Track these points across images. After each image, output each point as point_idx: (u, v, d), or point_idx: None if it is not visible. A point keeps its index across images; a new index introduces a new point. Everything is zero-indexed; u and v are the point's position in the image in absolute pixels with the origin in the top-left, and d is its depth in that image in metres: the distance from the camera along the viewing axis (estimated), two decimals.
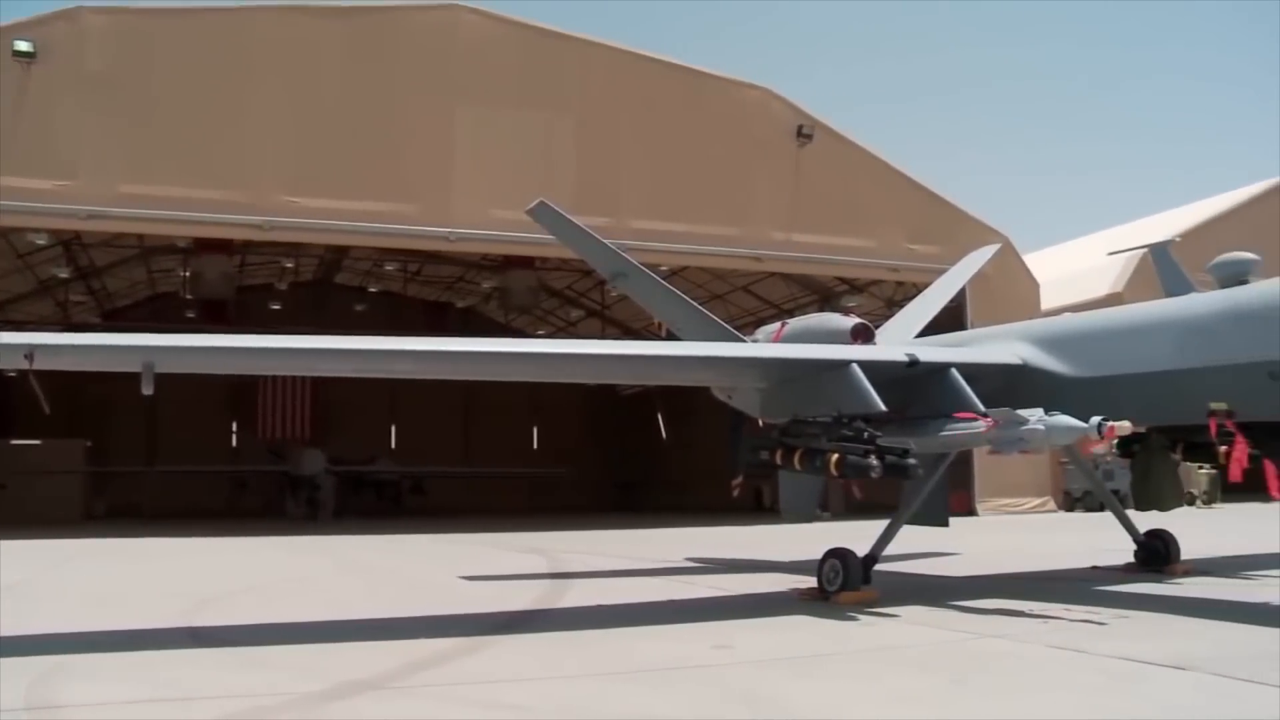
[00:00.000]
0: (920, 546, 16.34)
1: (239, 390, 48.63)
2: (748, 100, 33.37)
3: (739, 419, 15.04)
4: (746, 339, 15.05)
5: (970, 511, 32.87)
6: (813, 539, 13.96)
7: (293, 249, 39.92)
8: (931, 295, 17.86)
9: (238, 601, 13.19)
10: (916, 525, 12.95)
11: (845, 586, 11.34)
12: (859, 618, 10.24)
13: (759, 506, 34.80)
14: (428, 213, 29.59)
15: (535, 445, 59.81)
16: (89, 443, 41.83)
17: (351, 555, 21.94)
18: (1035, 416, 10.20)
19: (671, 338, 16.28)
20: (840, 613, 10.53)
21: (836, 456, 10.69)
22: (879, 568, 11.93)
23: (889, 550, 12.17)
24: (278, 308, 47.15)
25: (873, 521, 12.44)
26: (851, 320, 13.66)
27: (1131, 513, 14.84)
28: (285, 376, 45.34)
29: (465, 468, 52.66)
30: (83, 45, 27.16)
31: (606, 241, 16.64)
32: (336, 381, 40.45)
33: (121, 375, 10.17)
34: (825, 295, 39.99)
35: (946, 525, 13.43)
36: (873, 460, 10.46)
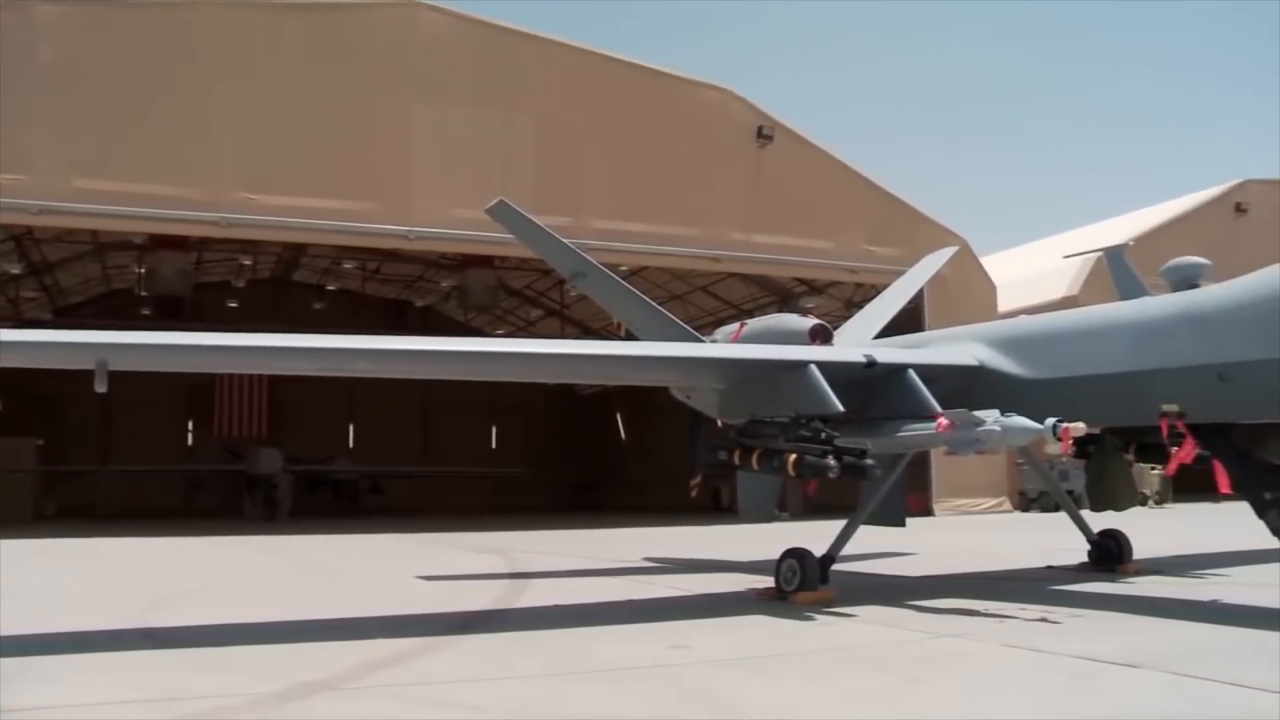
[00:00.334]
0: (877, 546, 16.41)
1: (195, 389, 48.19)
2: (708, 101, 33.39)
3: (698, 419, 15.07)
4: (705, 339, 15.08)
5: (927, 512, 33.05)
6: (770, 539, 13.99)
7: (250, 246, 39.53)
8: (890, 296, 17.98)
9: (193, 602, 13.06)
10: (874, 525, 13.01)
11: (802, 586, 11.39)
12: (816, 617, 10.28)
13: (717, 506, 34.86)
14: (386, 211, 29.38)
15: (494, 445, 59.74)
16: (40, 441, 41.25)
17: (308, 555, 21.78)
18: (991, 418, 10.26)
19: (630, 338, 16.29)
20: (797, 612, 10.56)
21: (794, 457, 10.73)
22: (836, 567, 11.99)
23: (846, 550, 12.22)
24: (235, 305, 46.75)
25: (830, 521, 12.50)
26: (810, 321, 13.73)
27: (1086, 513, 14.99)
28: (242, 375, 44.89)
29: (424, 467, 52.42)
30: (34, 36, 26.65)
31: (566, 241, 16.63)
32: (294, 380, 40.27)
33: (74, 373, 10.06)
34: (784, 296, 40.10)
35: (903, 525, 13.50)
36: (830, 460, 10.51)
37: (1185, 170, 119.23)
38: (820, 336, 13.29)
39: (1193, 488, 15.92)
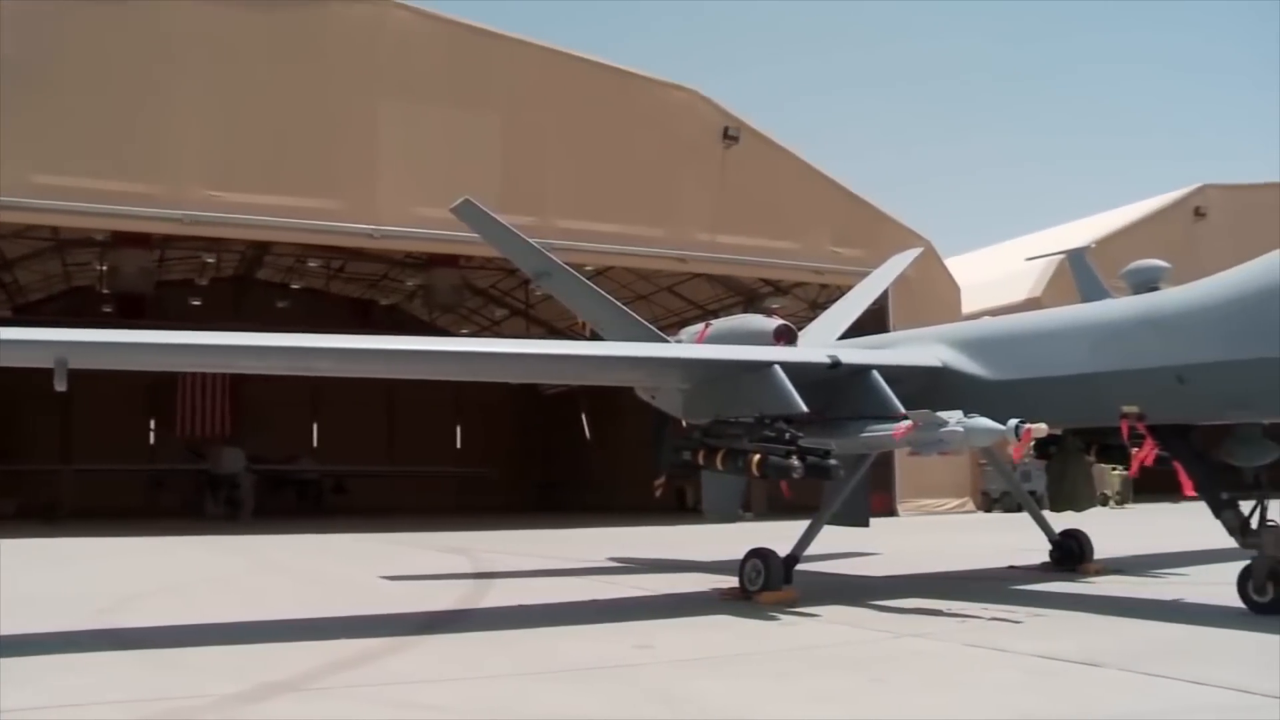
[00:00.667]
0: (841, 546, 16.47)
1: (157, 387, 47.80)
2: (675, 102, 33.43)
3: (662, 419, 15.08)
4: (670, 339, 15.08)
5: (891, 512, 33.22)
6: (735, 539, 14.03)
7: (213, 244, 39.15)
8: (854, 297, 18.06)
9: (154, 602, 12.97)
10: (837, 525, 13.07)
11: (766, 586, 11.43)
12: (780, 617, 10.31)
13: (682, 507, 34.92)
14: (351, 209, 29.22)
15: (459, 445, 59.59)
16: None
17: (272, 555, 21.64)
18: (954, 418, 10.31)
19: (596, 338, 16.27)
20: (761, 612, 10.60)
21: (758, 457, 10.77)
22: (800, 567, 12.03)
23: (810, 550, 12.27)
24: (198, 303, 46.47)
25: (794, 522, 12.53)
26: (775, 322, 13.75)
27: (1047, 513, 15.10)
28: (205, 374, 44.58)
29: (388, 467, 52.27)
30: None
31: (531, 241, 16.60)
32: (257, 379, 40.05)
33: (33, 371, 9.95)
34: (750, 296, 40.21)
35: (867, 525, 13.56)
36: (794, 461, 10.55)
37: (1150, 170, 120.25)
38: (785, 337, 13.32)
39: (1152, 488, 16.10)
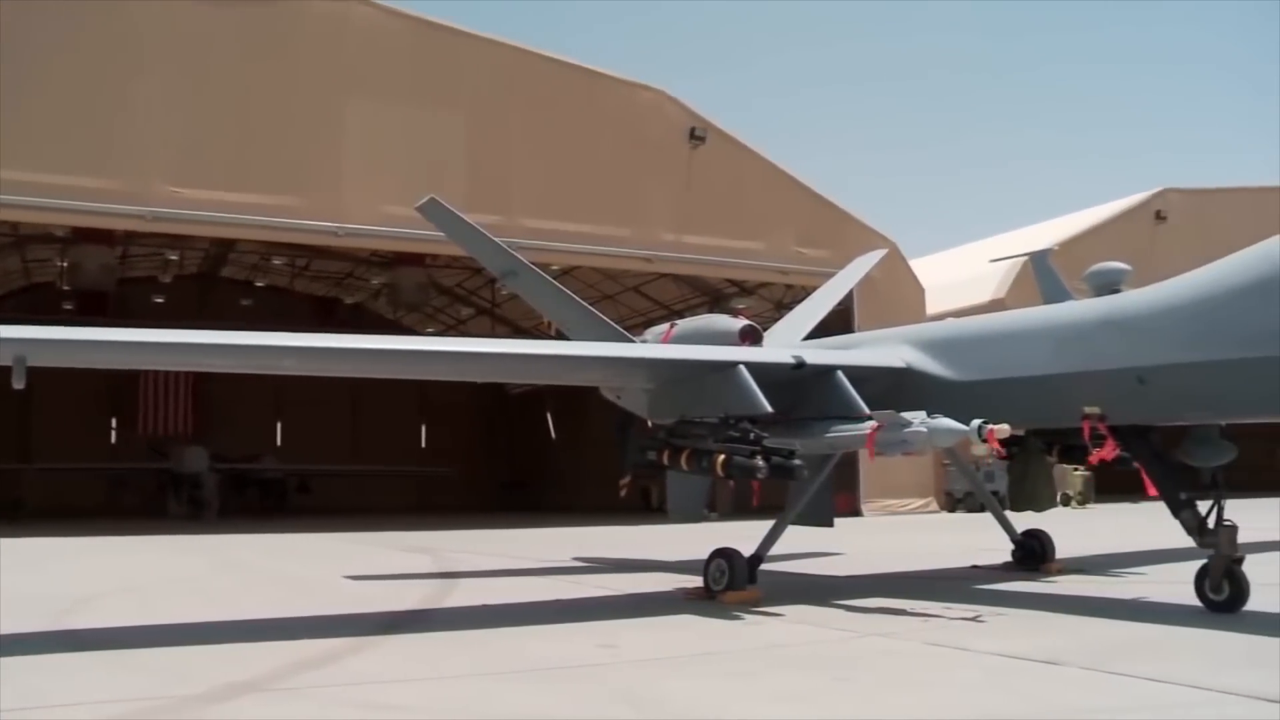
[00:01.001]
0: (806, 546, 16.54)
1: (119, 386, 47.42)
2: (642, 102, 33.41)
3: (626, 419, 15.08)
4: (636, 339, 15.09)
5: (855, 512, 33.33)
6: (700, 539, 14.05)
7: (177, 241, 38.82)
8: (819, 298, 18.12)
9: (115, 603, 12.85)
10: (802, 525, 13.13)
11: (731, 586, 11.45)
12: (744, 617, 10.34)
13: (647, 506, 34.89)
14: (316, 207, 29.03)
15: (424, 444, 59.38)
16: None
17: (234, 555, 21.50)
18: (918, 419, 10.35)
19: (561, 337, 16.26)
20: (725, 612, 10.62)
21: (723, 457, 10.80)
22: (765, 567, 12.06)
23: (775, 550, 12.30)
24: (161, 301, 46.13)
25: (759, 522, 12.56)
26: (740, 322, 13.78)
27: (1010, 513, 15.21)
28: (167, 372, 44.23)
29: (352, 466, 52.03)
30: None
31: (497, 240, 16.56)
32: (220, 378, 39.78)
33: None
34: (715, 297, 40.27)
35: (831, 525, 13.63)
36: (759, 461, 10.59)
37: (1116, 170, 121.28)
38: (750, 337, 13.35)
39: (1113, 488, 16.29)
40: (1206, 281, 10.07)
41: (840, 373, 11.81)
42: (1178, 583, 11.09)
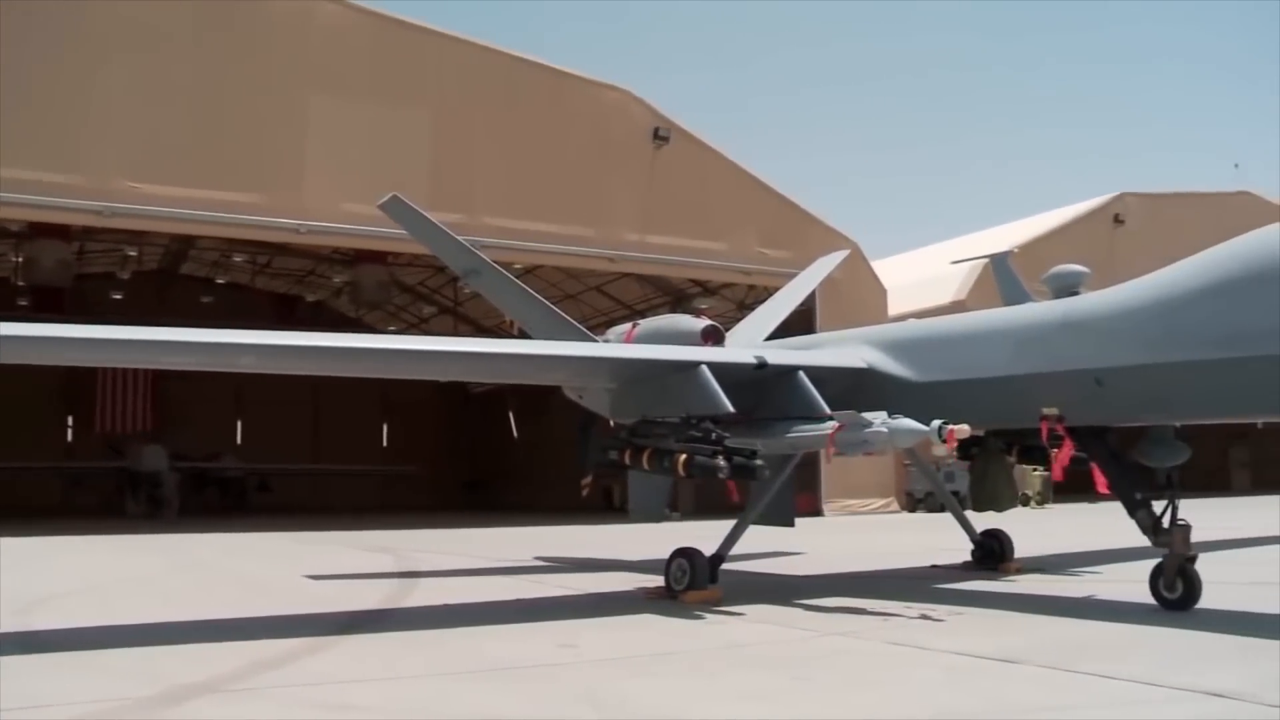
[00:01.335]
0: (767, 546, 16.60)
1: (75, 383, 46.89)
2: (606, 101, 33.39)
3: (588, 419, 15.07)
4: (598, 339, 15.08)
5: (816, 512, 33.47)
6: (661, 538, 14.06)
7: (135, 237, 38.40)
8: (782, 298, 18.16)
9: (70, 603, 12.71)
10: (763, 525, 13.16)
11: (692, 585, 11.47)
12: (705, 616, 10.36)
13: (609, 506, 34.93)
14: (278, 204, 28.78)
15: (385, 443, 59.12)
16: None
17: (193, 554, 21.32)
18: (879, 419, 10.41)
19: (524, 336, 16.23)
20: (686, 611, 10.63)
21: (684, 457, 10.80)
22: (726, 567, 12.09)
23: (736, 550, 12.34)
24: (119, 297, 45.55)
25: (721, 522, 12.59)
26: (702, 322, 13.80)
27: (970, 513, 15.32)
28: (125, 369, 43.80)
29: (313, 465, 51.74)
30: None
31: (460, 238, 16.51)
32: (180, 375, 39.44)
33: None
34: (678, 297, 40.33)
35: (792, 525, 13.66)
36: (720, 461, 10.61)
37: (1077, 173, 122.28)
38: (712, 337, 13.37)
39: (1071, 489, 16.46)
40: (1164, 284, 10.17)
41: (802, 373, 11.85)
42: (1133, 581, 11.22)
